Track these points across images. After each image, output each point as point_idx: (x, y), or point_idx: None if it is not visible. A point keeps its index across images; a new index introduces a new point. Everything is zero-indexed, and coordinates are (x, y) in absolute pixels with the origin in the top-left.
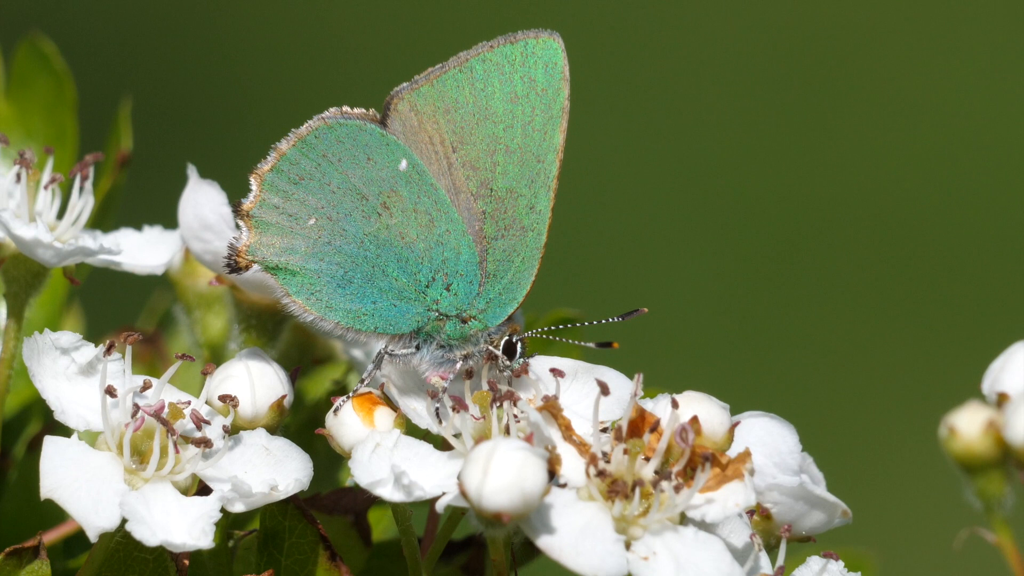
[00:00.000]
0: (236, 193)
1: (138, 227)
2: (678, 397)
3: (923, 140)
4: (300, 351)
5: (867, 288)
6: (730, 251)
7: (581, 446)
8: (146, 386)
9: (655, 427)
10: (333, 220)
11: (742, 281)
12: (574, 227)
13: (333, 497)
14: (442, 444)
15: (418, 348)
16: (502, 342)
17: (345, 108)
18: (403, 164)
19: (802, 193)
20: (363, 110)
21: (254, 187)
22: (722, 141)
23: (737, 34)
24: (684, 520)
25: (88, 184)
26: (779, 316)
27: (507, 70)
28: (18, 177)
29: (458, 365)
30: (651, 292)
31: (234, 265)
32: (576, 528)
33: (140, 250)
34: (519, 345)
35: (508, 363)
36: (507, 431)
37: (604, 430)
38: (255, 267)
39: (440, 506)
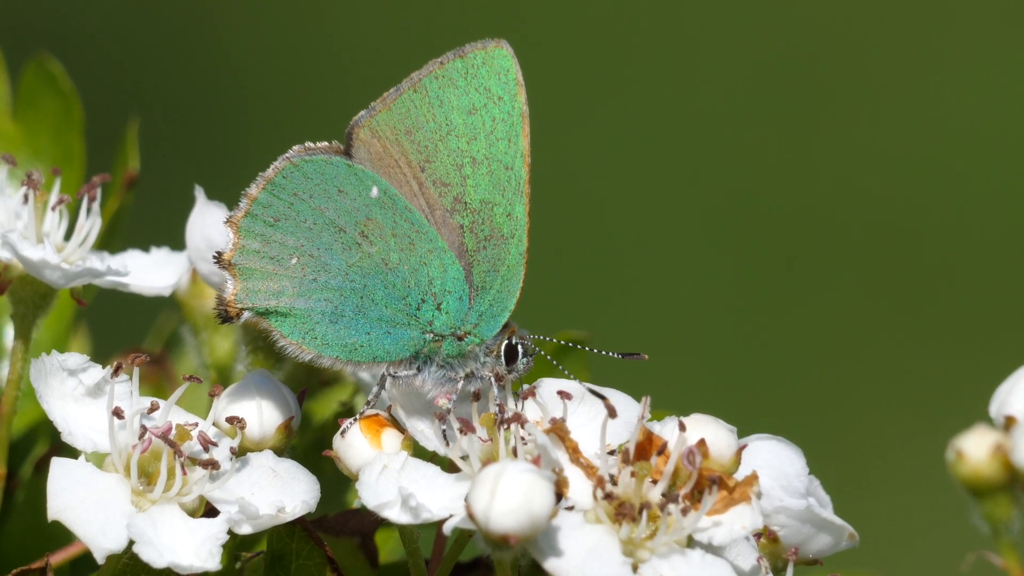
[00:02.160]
0: None
1: (145, 248)
2: (685, 420)
3: (930, 140)
4: (307, 372)
5: (873, 295)
6: (734, 257)
7: (588, 468)
8: (153, 408)
9: (662, 450)
10: (315, 256)
11: (747, 287)
12: (579, 240)
13: (340, 519)
14: (449, 466)
15: (419, 370)
16: (502, 348)
17: (308, 144)
18: (374, 191)
19: (805, 198)
20: (326, 143)
21: (231, 235)
22: (723, 145)
23: (737, 31)
24: (691, 543)
25: (95, 205)
26: (783, 323)
27: (461, 84)
28: (25, 198)
29: (460, 384)
30: (655, 299)
31: (225, 316)
32: (583, 550)
33: (147, 271)
34: (520, 346)
35: (512, 366)
36: (514, 453)
37: (611, 453)
38: (246, 314)
39: (447, 528)
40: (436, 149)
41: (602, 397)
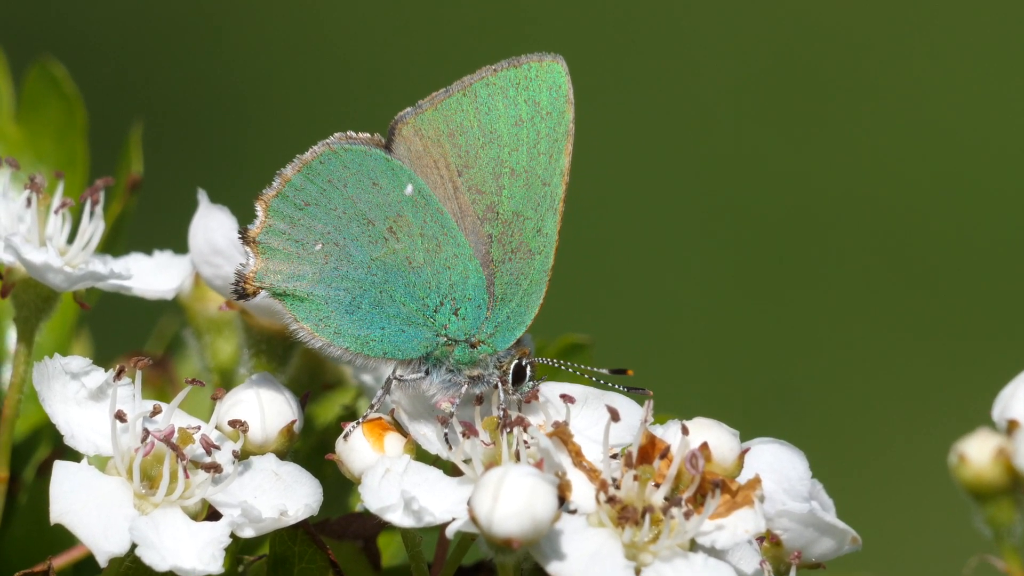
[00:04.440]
0: (247, 218)
1: (148, 252)
2: (688, 423)
3: (930, 143)
4: (310, 376)
5: (875, 297)
6: (733, 258)
7: (591, 472)
8: (156, 411)
9: (665, 453)
10: (340, 245)
11: (746, 287)
12: (578, 243)
13: (343, 522)
14: (452, 470)
15: (427, 373)
16: (511, 366)
17: (350, 133)
18: (409, 189)
19: (804, 199)
20: (368, 135)
21: (260, 213)
22: (722, 147)
23: (735, 35)
24: (694, 546)
25: (98, 209)
26: (783, 322)
27: (511, 93)
28: (28, 201)
29: (464, 388)
30: (655, 301)
31: (242, 291)
32: (586, 554)
33: (150, 275)
34: (528, 369)
35: (518, 387)
36: (517, 457)
37: (614, 456)
38: (263, 293)
39: (450, 532)
40: (477, 155)
41: (616, 377)
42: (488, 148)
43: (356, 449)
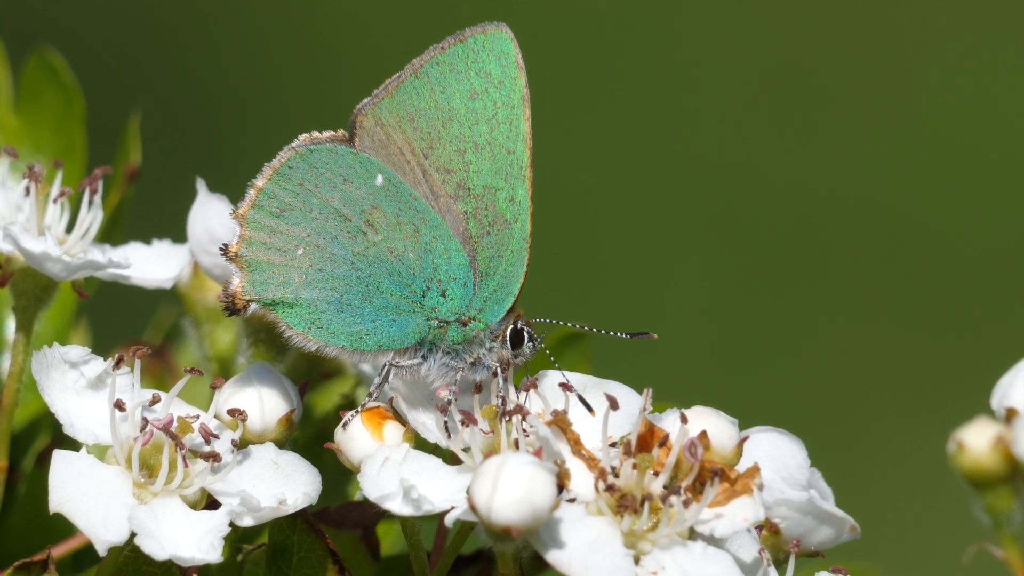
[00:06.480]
0: None
1: (147, 241)
2: (687, 412)
3: (929, 141)
4: (309, 365)
5: (872, 293)
6: (732, 249)
7: (590, 460)
8: (155, 400)
9: (664, 442)
10: (321, 247)
11: (745, 279)
12: (578, 234)
13: (342, 511)
14: (451, 458)
15: (424, 358)
16: (507, 332)
17: (314, 133)
18: (379, 179)
19: (803, 197)
20: (331, 132)
21: (238, 227)
22: (722, 143)
23: (734, 30)
24: (693, 535)
25: (97, 198)
26: (782, 320)
27: (461, 69)
28: (27, 191)
29: (460, 375)
30: (654, 292)
31: (232, 308)
32: (585, 543)
33: (149, 264)
34: (525, 331)
35: (518, 351)
36: (516, 445)
37: (613, 445)
38: (253, 306)
39: (449, 520)
40: (438, 135)
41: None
42: (449, 126)
43: (355, 438)
